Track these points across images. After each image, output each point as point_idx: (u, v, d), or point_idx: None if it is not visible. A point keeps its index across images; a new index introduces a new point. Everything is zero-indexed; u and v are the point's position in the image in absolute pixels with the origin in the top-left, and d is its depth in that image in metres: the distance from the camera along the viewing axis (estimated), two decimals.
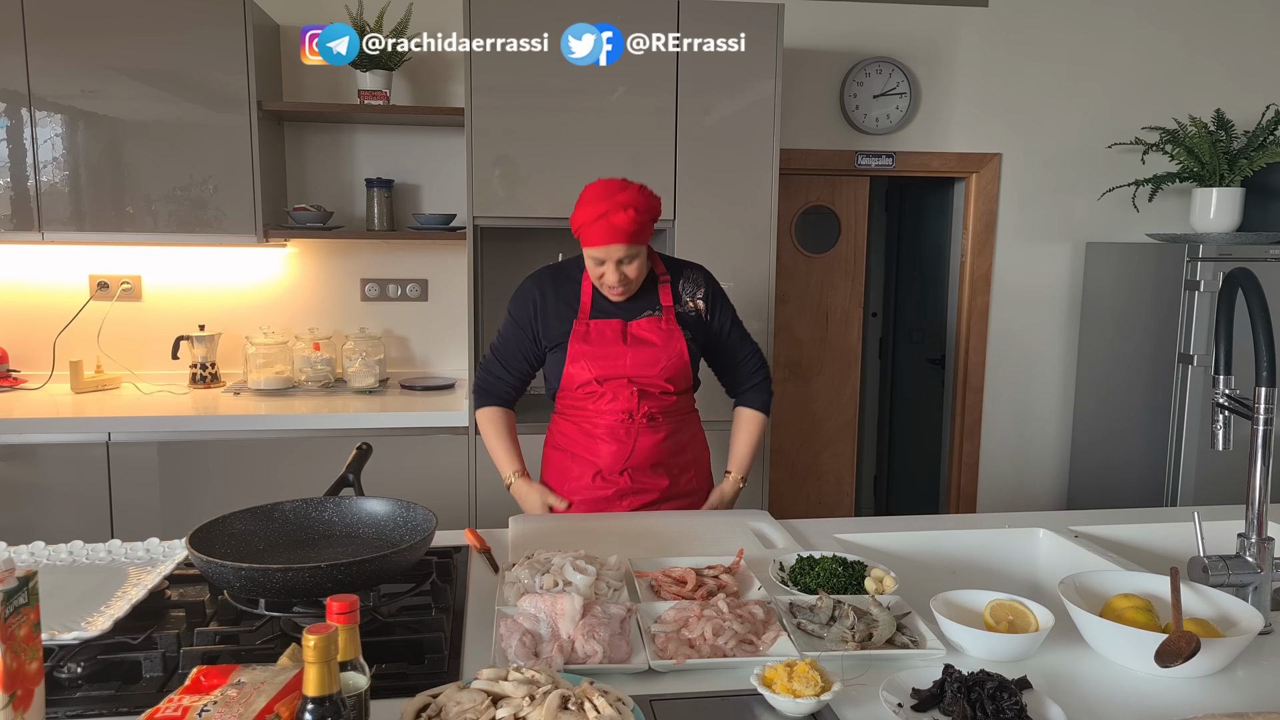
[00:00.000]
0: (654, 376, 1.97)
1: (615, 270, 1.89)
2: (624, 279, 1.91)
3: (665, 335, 1.98)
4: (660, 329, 1.98)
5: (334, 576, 1.19)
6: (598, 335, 1.97)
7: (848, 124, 3.58)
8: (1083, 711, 1.08)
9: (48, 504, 2.71)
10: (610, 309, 1.99)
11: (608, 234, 1.84)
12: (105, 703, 1.08)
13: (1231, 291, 1.42)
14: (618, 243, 1.85)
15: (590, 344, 1.96)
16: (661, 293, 2.01)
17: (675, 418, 2.04)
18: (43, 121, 2.83)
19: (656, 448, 2.00)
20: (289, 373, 3.14)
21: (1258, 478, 1.37)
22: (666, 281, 2.02)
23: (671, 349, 1.98)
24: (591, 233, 1.86)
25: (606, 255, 1.88)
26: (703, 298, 2.04)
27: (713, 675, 1.16)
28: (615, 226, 1.83)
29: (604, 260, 1.89)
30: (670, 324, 1.99)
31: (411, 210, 3.37)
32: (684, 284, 2.04)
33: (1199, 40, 3.70)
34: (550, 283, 2.03)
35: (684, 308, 2.02)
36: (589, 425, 2.01)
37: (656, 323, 1.99)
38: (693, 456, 2.10)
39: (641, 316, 1.99)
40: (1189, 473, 3.24)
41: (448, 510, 2.83)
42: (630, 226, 1.84)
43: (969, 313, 3.78)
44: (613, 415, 1.99)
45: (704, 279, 2.07)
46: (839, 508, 4.05)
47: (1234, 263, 3.07)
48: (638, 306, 2.00)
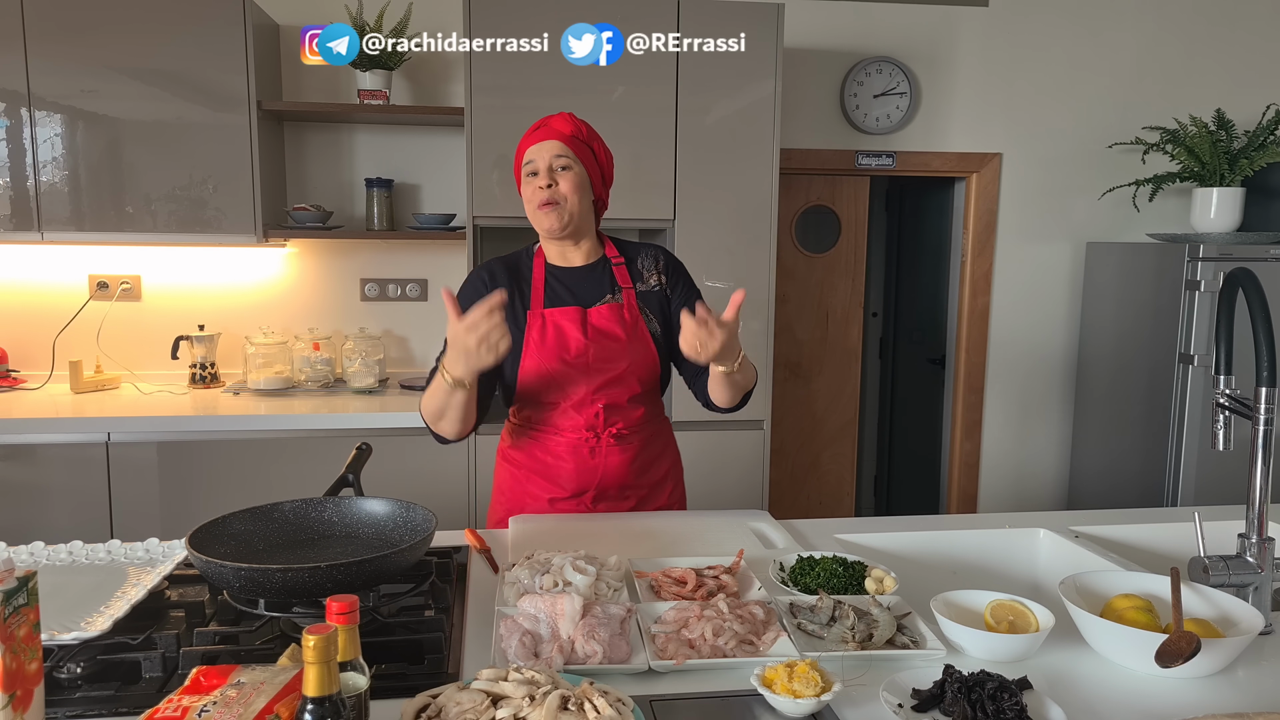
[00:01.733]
0: (620, 377, 1.76)
1: (547, 174, 1.70)
2: (554, 187, 1.71)
3: (629, 327, 1.78)
4: (623, 320, 1.78)
5: (334, 576, 1.19)
6: (554, 329, 1.75)
7: (848, 124, 3.58)
8: (1083, 712, 1.08)
9: (47, 504, 2.71)
10: (564, 295, 1.79)
11: (543, 133, 1.72)
12: (105, 703, 1.08)
13: (1232, 291, 1.42)
14: (551, 139, 1.70)
15: (547, 340, 1.75)
16: (618, 274, 1.82)
17: (645, 430, 1.84)
18: (42, 121, 2.83)
19: (625, 468, 1.80)
20: (289, 373, 3.14)
21: (1258, 478, 1.37)
22: (621, 263, 1.83)
23: (638, 344, 1.78)
24: (527, 140, 1.74)
25: (538, 155, 1.71)
26: (661, 270, 1.85)
27: (713, 675, 1.16)
28: (551, 126, 1.72)
29: (536, 168, 1.71)
30: (633, 312, 1.79)
31: (411, 210, 3.37)
32: (641, 260, 1.85)
33: (1199, 40, 3.70)
34: (500, 267, 1.82)
35: (645, 285, 1.83)
36: (547, 441, 1.81)
37: (618, 311, 1.78)
38: (667, 469, 1.91)
39: (600, 303, 1.78)
40: (1189, 473, 3.24)
41: (448, 510, 2.83)
42: (567, 128, 1.71)
43: (969, 313, 3.78)
44: (574, 432, 1.78)
45: (662, 254, 1.87)
46: (839, 508, 4.05)
47: (1234, 262, 3.07)
48: (594, 293, 1.80)
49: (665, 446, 1.92)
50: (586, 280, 1.82)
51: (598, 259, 1.85)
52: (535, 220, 1.77)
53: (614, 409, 1.79)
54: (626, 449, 1.81)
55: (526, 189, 1.76)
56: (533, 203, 1.74)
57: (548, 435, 1.81)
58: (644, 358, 1.79)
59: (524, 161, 1.75)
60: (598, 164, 1.78)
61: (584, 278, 1.82)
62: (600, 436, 1.78)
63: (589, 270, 1.83)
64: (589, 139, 1.76)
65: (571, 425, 1.78)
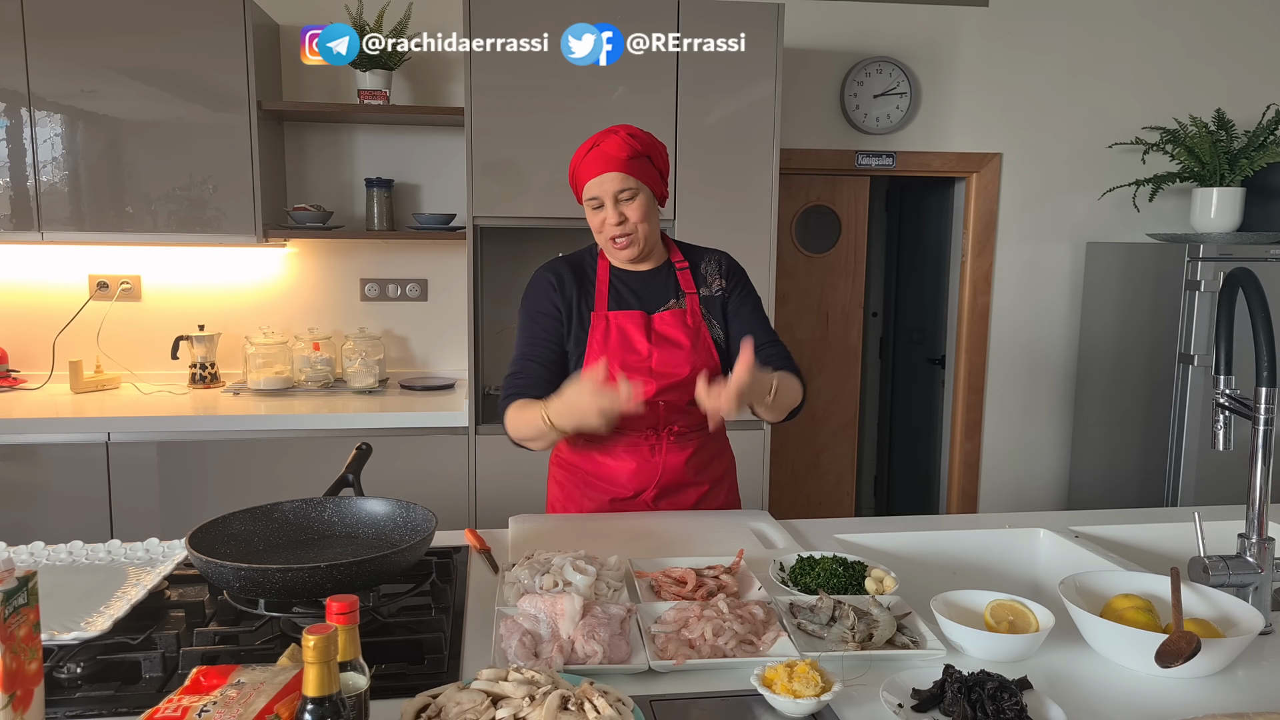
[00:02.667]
0: (683, 383, 1.73)
1: (614, 210, 1.69)
2: (625, 222, 1.70)
3: (693, 333, 1.78)
4: (686, 325, 1.78)
5: (334, 576, 1.19)
6: (618, 332, 1.76)
7: (848, 124, 3.58)
8: (1083, 712, 1.08)
9: (47, 504, 2.71)
10: (628, 299, 1.79)
11: (599, 163, 1.67)
12: (105, 703, 1.08)
13: (1232, 291, 1.42)
14: (610, 170, 1.67)
15: (610, 343, 1.75)
16: (682, 280, 1.82)
17: (704, 430, 1.83)
18: (42, 121, 2.83)
19: (683, 465, 1.82)
20: (289, 373, 3.14)
21: (1258, 478, 1.37)
22: (685, 268, 1.83)
23: (701, 350, 1.78)
24: (584, 169, 1.70)
25: (601, 190, 1.69)
26: (723, 274, 1.85)
27: (713, 675, 1.16)
28: (607, 154, 1.67)
29: (600, 202, 1.70)
30: (696, 318, 1.79)
31: (411, 210, 3.37)
32: (705, 265, 1.85)
33: (1199, 40, 3.70)
34: (565, 269, 1.82)
35: (709, 290, 1.83)
36: (608, 442, 1.80)
37: (681, 317, 1.79)
38: (726, 467, 1.93)
39: (664, 309, 1.79)
40: (1189, 473, 3.24)
41: (448, 510, 2.83)
42: (623, 152, 1.66)
43: (969, 313, 3.78)
44: (635, 433, 1.78)
45: (725, 259, 1.88)
46: (839, 508, 4.05)
47: (1234, 262, 3.07)
48: (658, 297, 1.81)
49: (723, 445, 1.94)
50: (651, 284, 1.83)
51: (662, 263, 1.85)
52: (610, 252, 1.79)
53: (674, 410, 1.79)
54: (686, 446, 1.82)
55: (592, 219, 1.75)
56: (603, 235, 1.75)
57: (610, 436, 1.80)
58: (706, 363, 1.78)
59: (586, 195, 1.73)
60: (657, 171, 1.75)
61: (648, 281, 1.83)
62: (660, 435, 1.80)
63: (653, 274, 1.84)
64: (646, 150, 1.72)
65: (633, 426, 1.78)
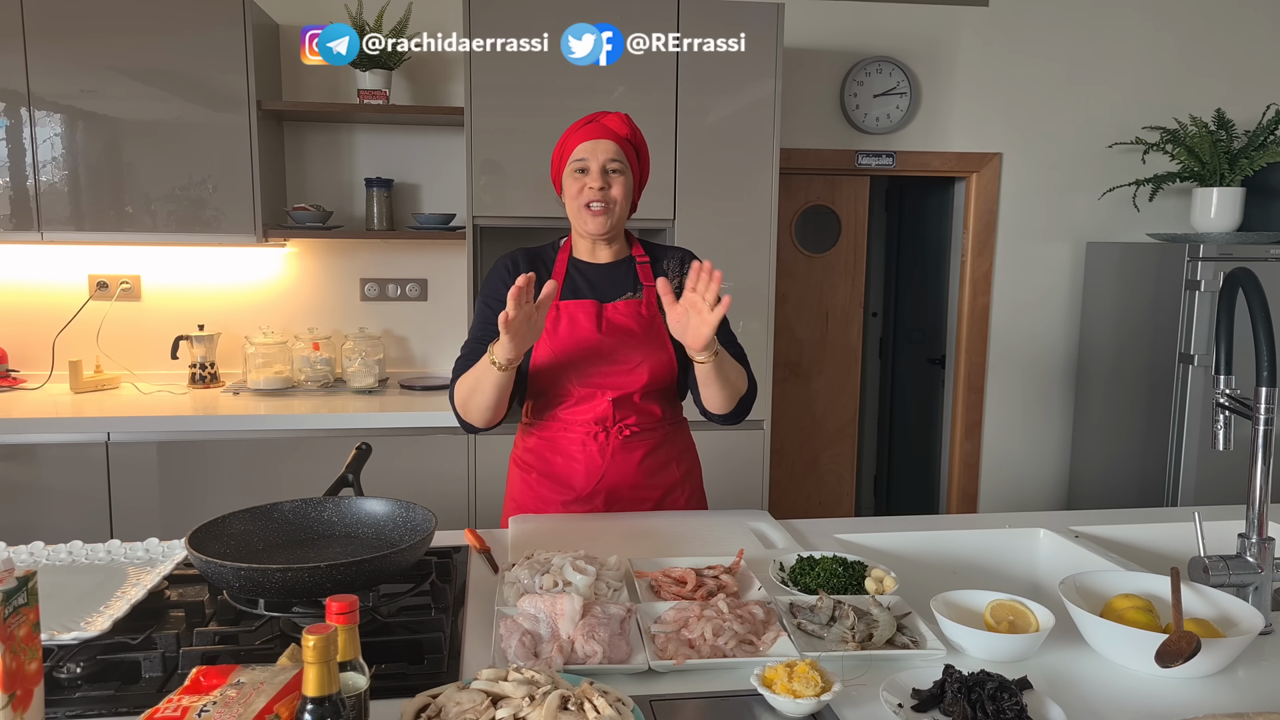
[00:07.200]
0: (631, 370, 1.73)
1: (600, 176, 1.68)
2: (607, 189, 1.70)
3: (646, 323, 1.75)
4: (641, 315, 1.75)
5: (333, 576, 1.19)
6: (568, 320, 1.74)
7: (848, 123, 3.58)
8: (1083, 712, 1.08)
9: (47, 504, 2.71)
10: (584, 289, 1.77)
11: (598, 131, 1.68)
12: (105, 703, 1.08)
13: (1232, 291, 1.42)
14: (606, 139, 1.68)
15: (559, 332, 1.73)
16: (641, 273, 1.80)
17: (659, 430, 1.81)
18: (42, 121, 2.83)
19: (634, 468, 1.78)
20: (288, 373, 3.14)
21: (1258, 478, 1.37)
22: (646, 263, 1.82)
23: (654, 340, 1.75)
24: (578, 136, 1.69)
25: (592, 155, 1.68)
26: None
27: (713, 675, 1.16)
28: (607, 126, 1.69)
29: (587, 166, 1.69)
30: (652, 309, 1.76)
31: (411, 210, 3.37)
32: (667, 262, 1.82)
33: (1199, 40, 3.70)
34: (524, 257, 1.82)
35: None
36: (557, 437, 1.79)
37: (636, 307, 1.76)
38: (683, 474, 1.87)
39: (619, 299, 1.77)
40: (1189, 473, 3.24)
41: (447, 510, 2.83)
42: (623, 129, 1.70)
43: (969, 313, 3.78)
44: (583, 427, 1.76)
45: (688, 257, 1.80)
46: (839, 508, 4.05)
47: (1234, 262, 3.07)
48: (615, 288, 1.78)
49: (682, 451, 1.88)
50: (609, 277, 1.81)
51: (624, 257, 1.85)
52: (579, 219, 1.76)
53: (625, 404, 1.76)
54: (636, 447, 1.78)
55: (572, 184, 1.72)
56: (579, 200, 1.72)
57: (558, 431, 1.79)
58: (659, 355, 1.76)
59: (574, 157, 1.71)
60: (641, 169, 1.79)
61: (607, 274, 1.82)
62: (609, 432, 1.76)
63: (613, 267, 1.83)
64: (639, 143, 1.77)
65: (581, 419, 1.77)
